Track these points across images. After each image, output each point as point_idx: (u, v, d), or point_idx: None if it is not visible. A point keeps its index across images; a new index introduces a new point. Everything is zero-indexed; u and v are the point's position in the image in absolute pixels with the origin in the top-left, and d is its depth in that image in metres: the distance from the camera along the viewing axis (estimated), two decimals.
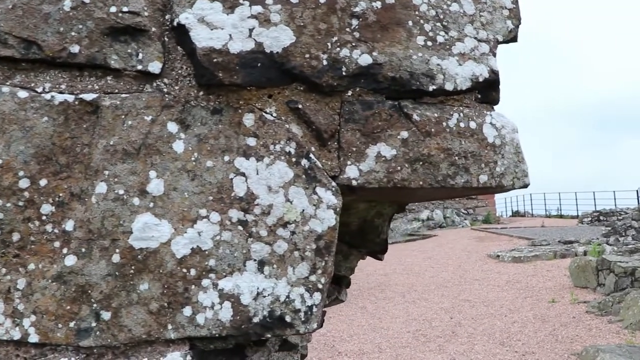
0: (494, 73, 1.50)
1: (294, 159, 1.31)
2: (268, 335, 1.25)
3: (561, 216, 33.81)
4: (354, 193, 1.41)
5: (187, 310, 1.23)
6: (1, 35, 1.22)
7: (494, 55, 1.53)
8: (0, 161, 1.20)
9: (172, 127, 1.29)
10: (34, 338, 1.19)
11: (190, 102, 1.31)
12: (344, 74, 1.35)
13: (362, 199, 1.63)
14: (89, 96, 1.26)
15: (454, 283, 12.84)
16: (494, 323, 9.27)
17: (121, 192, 1.24)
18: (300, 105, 1.33)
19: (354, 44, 1.37)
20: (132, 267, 1.22)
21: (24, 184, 1.21)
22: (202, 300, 1.23)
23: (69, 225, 1.22)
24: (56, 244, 1.21)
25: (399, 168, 1.37)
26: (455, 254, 17.08)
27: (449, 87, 1.43)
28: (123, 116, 1.27)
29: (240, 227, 1.27)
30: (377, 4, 1.41)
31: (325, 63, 1.34)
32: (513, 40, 1.61)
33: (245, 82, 1.30)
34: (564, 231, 20.93)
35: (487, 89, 1.50)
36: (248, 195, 1.28)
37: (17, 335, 1.18)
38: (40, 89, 1.25)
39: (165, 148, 1.28)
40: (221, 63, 1.29)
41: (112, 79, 1.30)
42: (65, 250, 1.21)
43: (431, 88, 1.42)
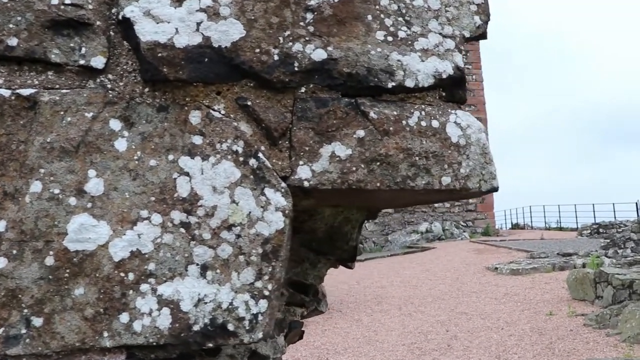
0: (459, 70, 1.44)
1: (241, 159, 1.24)
2: (210, 345, 1.17)
3: (561, 228, 33.64)
4: (309, 195, 1.34)
5: (124, 317, 1.15)
6: None
7: (460, 51, 1.47)
8: None
9: (115, 125, 1.23)
10: None
11: (136, 99, 1.25)
12: (296, 69, 1.29)
13: (325, 204, 1.56)
14: (27, 91, 1.21)
15: (451, 295, 12.71)
16: (491, 336, 9.14)
17: (57, 192, 1.17)
18: (250, 102, 1.27)
19: (307, 39, 1.31)
20: (67, 271, 1.15)
21: None
22: (140, 307, 1.16)
23: (1, 225, 1.15)
24: None
25: (355, 169, 1.30)
26: (454, 267, 16.94)
27: (409, 84, 1.37)
28: (62, 112, 1.21)
29: (182, 230, 1.20)
30: None
31: (276, 58, 1.28)
32: (482, 36, 1.55)
33: (191, 78, 1.24)
34: (563, 243, 20.80)
35: (452, 87, 1.44)
36: (192, 195, 1.21)
37: None
38: None
39: (107, 146, 1.22)
40: (166, 58, 1.23)
41: (53, 74, 1.25)
42: None
43: (390, 85, 1.35)
